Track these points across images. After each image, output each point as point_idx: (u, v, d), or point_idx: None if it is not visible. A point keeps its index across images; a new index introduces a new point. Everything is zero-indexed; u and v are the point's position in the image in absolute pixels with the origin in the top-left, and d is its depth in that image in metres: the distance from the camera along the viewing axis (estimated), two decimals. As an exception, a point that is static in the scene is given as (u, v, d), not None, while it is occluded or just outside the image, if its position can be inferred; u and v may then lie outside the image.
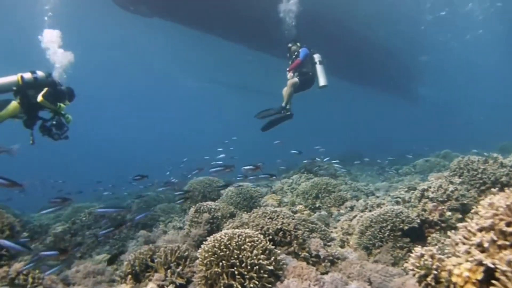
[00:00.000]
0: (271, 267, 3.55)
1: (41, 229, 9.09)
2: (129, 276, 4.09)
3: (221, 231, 5.81)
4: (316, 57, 9.76)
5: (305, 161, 11.10)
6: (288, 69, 9.78)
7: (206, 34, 23.88)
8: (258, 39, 22.88)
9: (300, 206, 7.90)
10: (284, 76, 9.87)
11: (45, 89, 7.08)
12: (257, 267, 3.47)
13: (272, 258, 3.64)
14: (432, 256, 2.71)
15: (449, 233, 3.13)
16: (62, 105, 7.49)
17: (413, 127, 63.59)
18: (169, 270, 4.00)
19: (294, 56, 9.93)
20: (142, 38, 29.34)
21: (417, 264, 2.77)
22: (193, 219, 6.01)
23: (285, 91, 9.70)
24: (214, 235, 3.89)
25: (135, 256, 4.28)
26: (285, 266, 3.85)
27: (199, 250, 3.81)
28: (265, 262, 3.54)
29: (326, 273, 4.51)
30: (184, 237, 5.96)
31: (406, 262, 4.79)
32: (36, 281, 4.09)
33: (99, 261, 6.76)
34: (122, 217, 8.80)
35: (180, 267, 4.01)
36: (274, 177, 7.29)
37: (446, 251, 2.85)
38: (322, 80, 9.61)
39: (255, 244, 3.68)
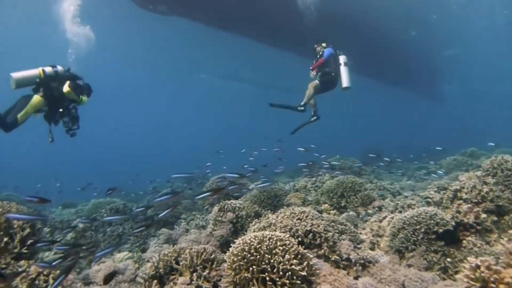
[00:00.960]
0: (304, 273, 3.33)
1: (61, 224, 9.04)
2: (155, 281, 3.91)
3: (245, 231, 5.66)
4: (342, 58, 9.62)
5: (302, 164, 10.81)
6: (311, 67, 9.68)
7: (226, 33, 23.76)
8: (278, 36, 22.65)
9: (325, 205, 7.66)
10: (308, 75, 9.78)
11: (68, 82, 7.15)
12: (289, 273, 3.26)
13: (305, 263, 3.42)
14: (488, 267, 2.46)
15: (501, 240, 2.87)
16: (84, 98, 7.55)
17: (436, 125, 62.71)
18: (195, 274, 3.81)
19: (318, 56, 9.78)
20: (160, 36, 29.30)
21: (472, 276, 2.53)
22: (216, 218, 5.83)
23: (307, 91, 9.69)
24: (243, 237, 3.69)
25: (159, 258, 4.10)
26: (317, 271, 3.63)
27: (227, 254, 3.62)
28: (297, 268, 3.32)
29: (357, 277, 4.28)
30: (207, 237, 5.79)
31: (439, 265, 4.61)
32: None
33: (120, 259, 6.64)
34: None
35: (207, 271, 3.81)
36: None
37: (501, 260, 2.60)
38: (345, 82, 9.47)
39: (287, 248, 3.46)
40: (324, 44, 9.91)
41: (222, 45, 28.08)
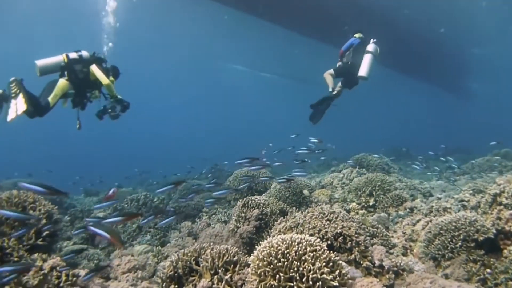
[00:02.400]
0: (335, 283, 3.02)
1: (82, 214, 8.92)
2: (172, 285, 3.65)
3: (270, 228, 5.37)
4: (369, 47, 9.12)
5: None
6: None
7: (259, 20, 23.38)
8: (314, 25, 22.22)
9: (353, 204, 7.33)
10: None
11: (94, 66, 7.18)
12: (319, 282, 2.94)
13: (337, 272, 3.10)
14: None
15: None
16: (111, 79, 7.49)
17: (463, 124, 61.35)
18: (216, 276, 3.53)
19: None
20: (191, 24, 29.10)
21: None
22: (240, 214, 5.55)
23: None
24: (269, 240, 3.38)
25: (178, 257, 3.84)
26: (350, 281, 3.31)
27: (252, 257, 3.33)
28: (329, 277, 3.00)
29: (391, 286, 3.96)
30: (230, 233, 5.53)
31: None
32: (71, 279, 3.72)
33: (139, 252, 6.47)
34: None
35: (229, 274, 3.53)
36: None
37: None
38: (362, 70, 8.98)
39: (318, 255, 3.15)
40: (357, 35, 9.58)
41: (254, 34, 27.78)
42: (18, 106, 6.05)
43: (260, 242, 3.46)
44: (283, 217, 5.30)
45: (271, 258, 3.10)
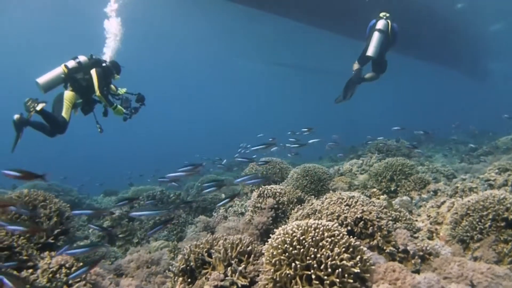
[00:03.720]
0: (357, 269, 2.79)
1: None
2: (181, 277, 3.47)
3: (287, 218, 5.15)
4: (378, 24, 8.93)
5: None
6: None
7: (268, 14, 23.03)
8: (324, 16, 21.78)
9: (374, 189, 7.07)
10: None
11: (93, 71, 7.16)
12: (339, 269, 2.72)
13: (358, 258, 2.87)
14: None
15: None
16: (116, 76, 7.73)
17: (481, 105, 60.09)
18: (229, 268, 3.33)
19: None
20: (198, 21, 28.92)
21: None
22: (256, 204, 5.35)
23: None
24: (283, 227, 3.17)
25: (190, 250, 3.65)
26: (373, 267, 3.08)
27: (266, 246, 3.12)
28: (349, 263, 2.77)
29: (417, 272, 3.71)
30: (246, 225, 5.32)
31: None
32: (80, 276, 3.57)
33: (156, 248, 6.33)
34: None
35: (243, 265, 3.33)
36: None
37: None
38: (369, 50, 8.86)
39: (336, 240, 2.92)
40: (382, 14, 9.28)
41: (266, 28, 27.53)
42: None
43: (275, 230, 3.25)
44: (300, 205, 5.09)
45: (286, 245, 2.88)
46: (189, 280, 3.54)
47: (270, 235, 3.22)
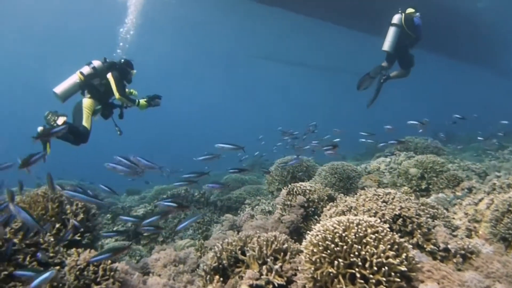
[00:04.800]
0: (403, 267, 2.62)
1: (123, 211, 8.80)
2: (214, 276, 3.34)
3: (318, 216, 4.99)
4: (393, 18, 8.95)
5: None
6: None
7: (292, 13, 22.82)
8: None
9: (404, 188, 6.85)
10: None
11: (109, 75, 7.06)
12: (385, 268, 2.56)
13: (403, 255, 2.71)
14: None
15: None
16: (133, 72, 7.57)
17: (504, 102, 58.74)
18: (264, 266, 3.19)
19: None
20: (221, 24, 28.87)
21: None
22: (285, 202, 5.19)
23: None
24: (323, 223, 3.01)
25: (222, 247, 3.52)
26: (418, 265, 2.90)
27: (304, 243, 2.96)
28: (395, 261, 2.61)
29: (459, 271, 3.52)
30: (275, 223, 5.18)
31: None
32: (108, 274, 3.47)
33: (182, 246, 6.23)
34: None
35: (279, 263, 3.18)
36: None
37: None
38: (384, 44, 8.95)
39: (380, 236, 2.75)
40: (408, 10, 9.23)
41: (287, 28, 27.34)
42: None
43: (312, 227, 3.09)
44: (332, 202, 4.93)
45: (327, 242, 2.73)
46: (221, 278, 3.41)
47: (305, 235, 3.08)
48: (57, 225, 4.36)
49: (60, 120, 6.36)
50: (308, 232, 3.12)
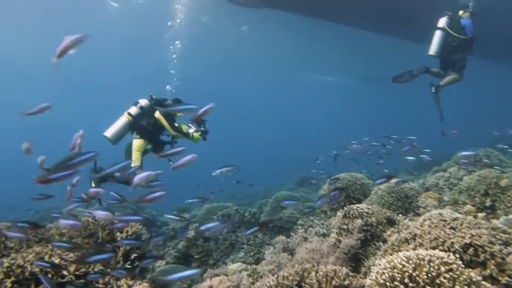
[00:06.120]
0: (482, 311, 2.34)
1: (174, 232, 8.76)
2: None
3: (377, 241, 4.71)
4: (439, 22, 9.02)
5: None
6: None
7: (326, 23, 22.43)
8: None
9: (468, 206, 6.44)
10: None
11: (158, 114, 7.13)
12: (463, 313, 2.29)
13: (483, 298, 2.43)
14: None
15: None
16: (184, 125, 7.56)
17: None
18: (324, 305, 2.97)
19: None
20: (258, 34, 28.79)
21: None
22: (341, 226, 4.94)
23: None
24: (388, 259, 2.75)
25: (277, 282, 3.32)
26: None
27: (368, 281, 2.71)
28: (473, 305, 2.33)
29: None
30: (331, 248, 4.94)
31: None
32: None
33: (233, 271, 6.07)
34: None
35: (340, 302, 2.95)
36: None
37: None
38: (430, 48, 9.08)
39: (455, 276, 2.47)
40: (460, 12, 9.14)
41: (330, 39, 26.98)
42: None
43: (377, 262, 2.84)
44: (392, 226, 4.64)
45: (395, 283, 2.47)
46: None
47: (372, 272, 2.83)
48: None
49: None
50: (365, 258, 2.89)
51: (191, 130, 7.52)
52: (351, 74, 40.25)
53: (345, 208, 5.13)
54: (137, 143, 7.11)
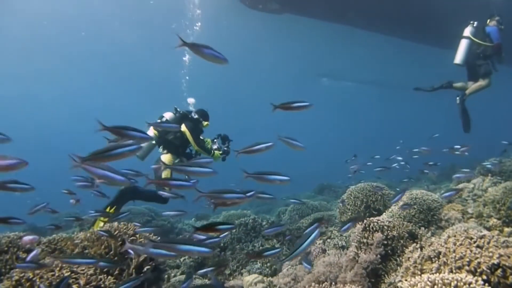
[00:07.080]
0: None
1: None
2: None
3: (398, 256, 4.53)
4: (465, 31, 9.09)
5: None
6: None
7: (347, 28, 22.28)
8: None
9: (493, 220, 6.20)
10: None
11: (184, 127, 7.11)
12: None
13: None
14: None
15: None
16: (205, 123, 7.56)
17: None
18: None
19: None
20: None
21: None
22: (361, 239, 4.77)
23: None
24: (412, 283, 2.60)
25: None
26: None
27: (389, 306, 2.57)
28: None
29: None
30: (350, 262, 4.77)
31: None
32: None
33: (249, 283, 5.94)
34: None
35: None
36: None
37: None
38: (456, 57, 9.12)
39: (484, 303, 2.32)
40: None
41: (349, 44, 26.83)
42: None
43: (399, 285, 2.68)
44: (414, 241, 4.45)
45: (419, 310, 2.32)
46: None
47: (383, 278, 2.67)
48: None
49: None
50: (386, 274, 2.74)
51: (214, 146, 7.49)
52: (377, 81, 40.00)
53: (365, 221, 4.96)
54: (165, 158, 7.10)
